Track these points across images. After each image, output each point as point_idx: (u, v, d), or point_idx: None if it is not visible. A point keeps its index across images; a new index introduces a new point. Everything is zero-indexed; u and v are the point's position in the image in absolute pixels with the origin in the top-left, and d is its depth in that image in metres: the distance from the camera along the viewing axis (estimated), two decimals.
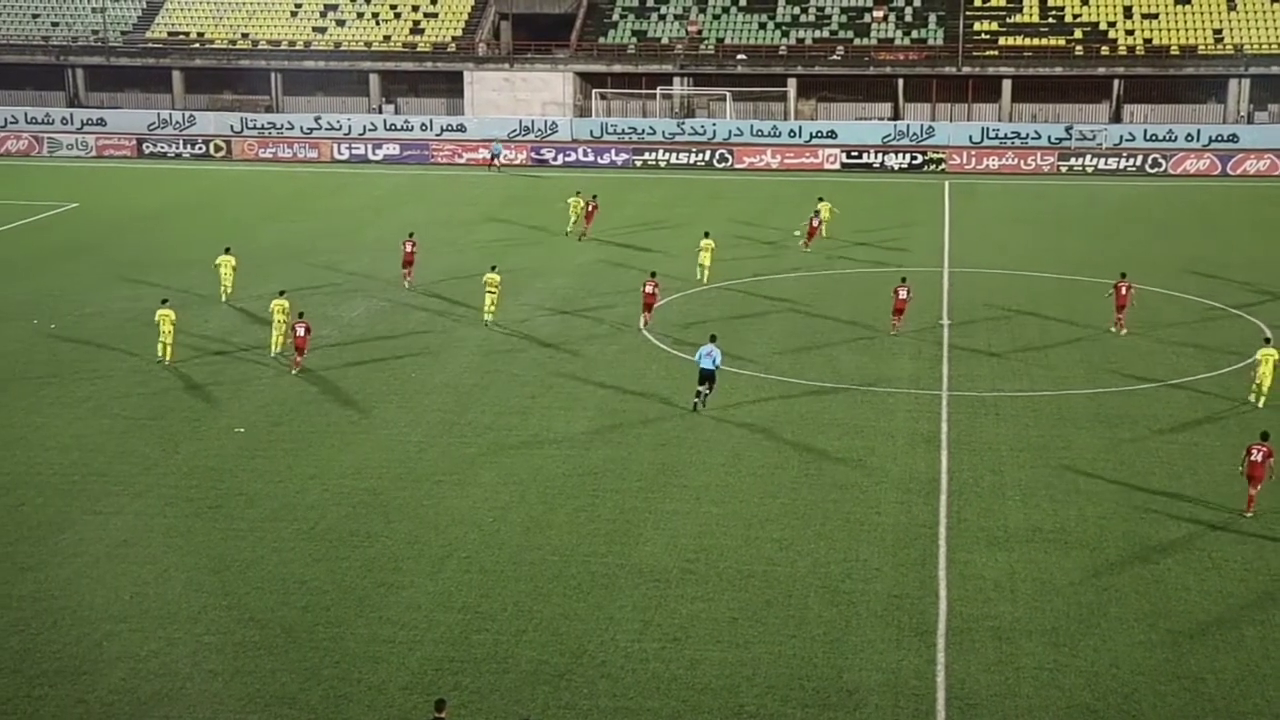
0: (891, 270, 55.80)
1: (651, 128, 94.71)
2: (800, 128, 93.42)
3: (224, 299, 52.29)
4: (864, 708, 23.90)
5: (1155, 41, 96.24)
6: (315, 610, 27.48)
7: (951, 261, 59.01)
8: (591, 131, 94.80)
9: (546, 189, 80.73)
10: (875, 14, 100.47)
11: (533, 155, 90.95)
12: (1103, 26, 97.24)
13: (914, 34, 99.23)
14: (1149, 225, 68.20)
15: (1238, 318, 49.49)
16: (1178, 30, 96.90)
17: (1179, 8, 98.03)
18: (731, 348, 45.36)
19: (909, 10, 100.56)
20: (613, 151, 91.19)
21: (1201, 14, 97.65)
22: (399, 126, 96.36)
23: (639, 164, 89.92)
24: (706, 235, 56.77)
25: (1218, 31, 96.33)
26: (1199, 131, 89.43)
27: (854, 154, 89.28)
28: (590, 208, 66.40)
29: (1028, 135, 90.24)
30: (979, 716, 23.67)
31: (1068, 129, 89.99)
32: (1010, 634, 26.39)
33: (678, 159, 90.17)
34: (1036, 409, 39.60)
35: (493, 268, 50.61)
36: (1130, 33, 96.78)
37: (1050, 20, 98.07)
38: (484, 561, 29.70)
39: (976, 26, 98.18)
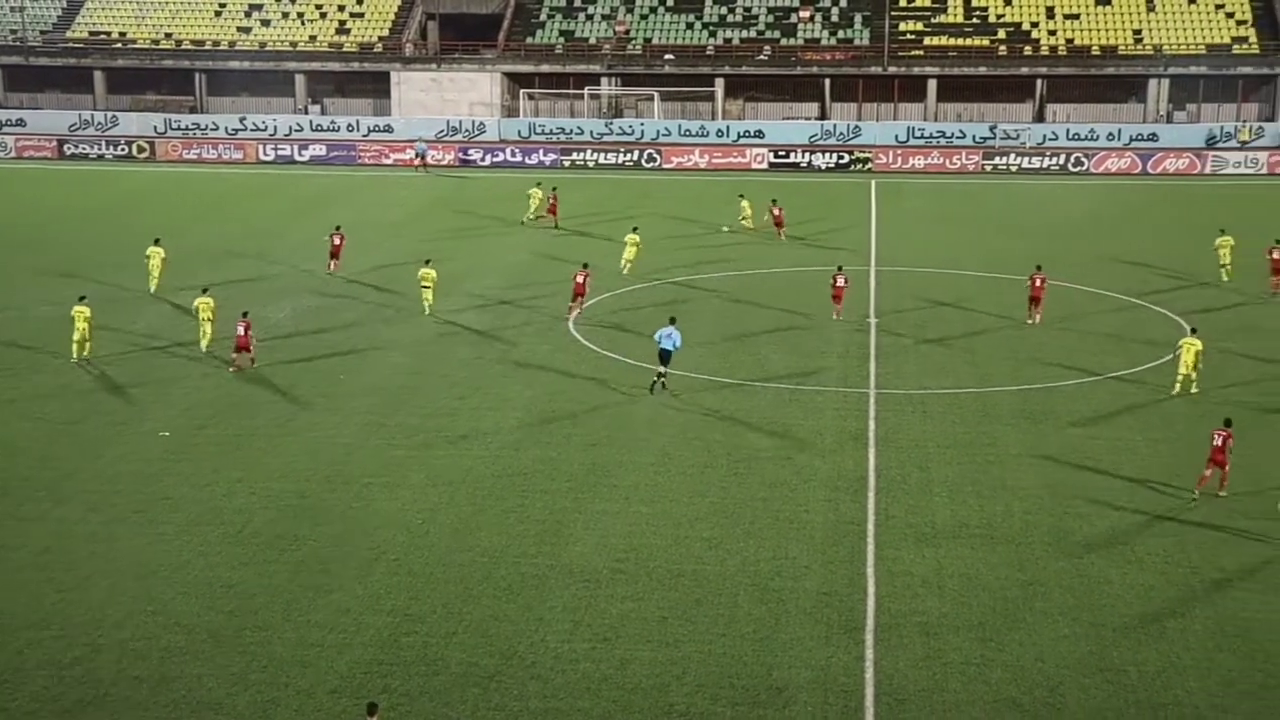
0: (818, 269, 56.14)
1: (579, 128, 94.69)
2: (728, 127, 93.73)
3: (152, 290, 52.92)
4: (794, 705, 24.00)
5: (1077, 42, 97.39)
6: (242, 614, 27.25)
7: (879, 260, 59.40)
8: (519, 132, 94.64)
9: (474, 189, 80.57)
10: (801, 14, 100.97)
11: (460, 155, 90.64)
12: (1025, 27, 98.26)
13: (840, 34, 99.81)
14: (1072, 223, 68.95)
15: (1157, 313, 50.14)
16: (1098, 31, 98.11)
17: (1099, 8, 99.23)
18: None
19: (835, 10, 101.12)
20: (541, 151, 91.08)
21: (1121, 15, 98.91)
22: (325, 127, 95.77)
23: (567, 164, 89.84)
24: (635, 230, 57.62)
25: (1137, 32, 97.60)
26: (1120, 131, 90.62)
27: (781, 153, 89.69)
28: (552, 200, 67.77)
29: (953, 135, 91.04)
30: (907, 712, 23.85)
31: (992, 128, 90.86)
32: (938, 629, 26.59)
33: (606, 159, 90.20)
34: (962, 406, 39.94)
35: (427, 262, 51.42)
36: (1053, 33, 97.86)
37: (974, 20, 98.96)
38: (413, 563, 29.57)
39: (902, 27, 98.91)
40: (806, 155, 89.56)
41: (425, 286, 50.11)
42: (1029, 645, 25.98)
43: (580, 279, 49.60)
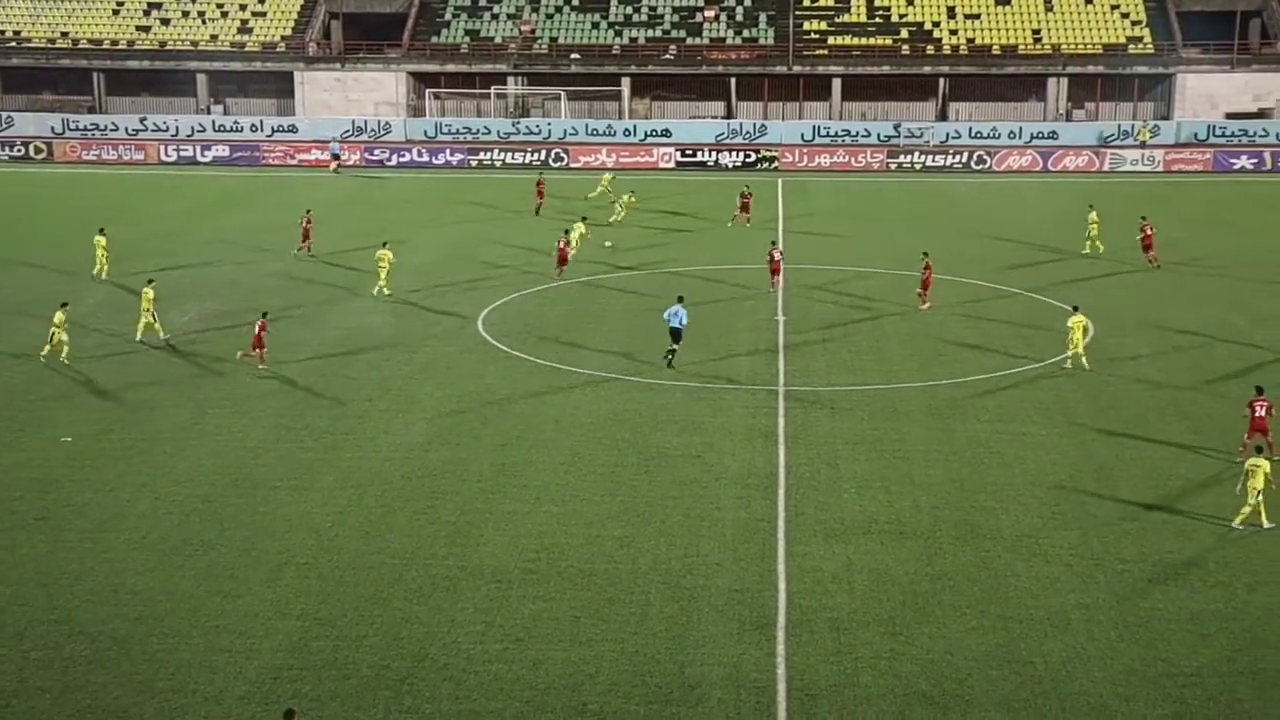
0: (728, 268, 56.52)
1: (486, 127, 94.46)
2: (635, 126, 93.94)
3: (103, 277, 55.47)
4: (706, 702, 24.06)
5: (978, 41, 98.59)
6: (148, 621, 26.85)
7: (785, 258, 59.58)
8: (426, 132, 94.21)
9: (382, 189, 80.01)
10: (706, 14, 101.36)
11: (366, 156, 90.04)
12: (928, 26, 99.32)
13: (745, 33, 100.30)
14: (976, 220, 69.77)
15: (1059, 309, 50.79)
16: (999, 30, 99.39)
17: (999, 8, 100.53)
18: (569, 348, 45.51)
19: (740, 10, 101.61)
20: (448, 152, 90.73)
21: (1021, 14, 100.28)
22: (228, 128, 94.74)
23: (474, 164, 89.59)
24: (584, 219, 61.01)
25: (1036, 32, 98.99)
26: (1021, 129, 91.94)
27: (688, 152, 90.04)
28: (539, 187, 71.33)
29: (858, 133, 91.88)
30: (819, 707, 23.99)
31: (896, 127, 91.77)
32: (848, 624, 26.78)
33: (513, 159, 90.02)
34: (870, 402, 40.27)
35: (384, 244, 53.70)
36: (954, 32, 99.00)
37: (877, 20, 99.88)
38: (322, 567, 29.31)
39: (806, 26, 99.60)
40: (713, 154, 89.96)
41: (382, 267, 52.59)
42: (938, 638, 26.24)
43: (562, 244, 55.39)
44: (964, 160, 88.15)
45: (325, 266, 58.56)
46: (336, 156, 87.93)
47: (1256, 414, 34.71)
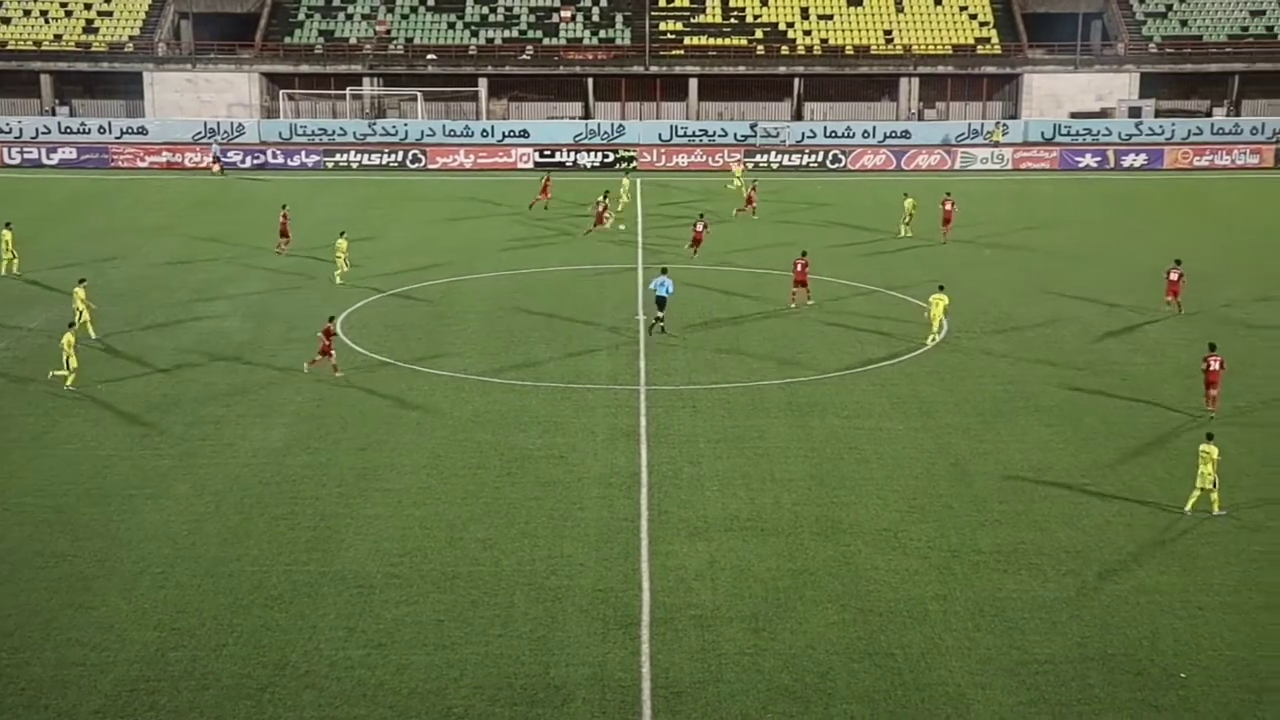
0: (586, 268, 56.59)
1: (342, 129, 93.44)
2: (492, 127, 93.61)
3: (2, 272, 56.14)
4: (571, 702, 24.10)
5: (831, 42, 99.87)
6: None
7: (645, 258, 59.91)
8: (280, 133, 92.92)
9: (236, 191, 78.77)
10: (563, 14, 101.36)
11: (221, 158, 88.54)
12: (782, 27, 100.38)
13: (602, 34, 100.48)
14: (832, 216, 70.65)
15: (915, 305, 51.62)
16: (851, 31, 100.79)
17: (851, 9, 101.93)
18: (429, 349, 45.28)
19: (596, 10, 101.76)
20: (303, 153, 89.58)
21: (872, 16, 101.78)
22: (75, 129, 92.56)
23: (330, 165, 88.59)
24: (605, 194, 65.22)
25: (888, 33, 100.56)
26: (875, 128, 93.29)
27: (546, 153, 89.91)
28: (545, 182, 72.78)
29: (715, 133, 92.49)
30: (683, 704, 24.14)
31: (752, 126, 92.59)
32: (711, 621, 26.98)
33: (370, 160, 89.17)
34: (731, 400, 40.59)
35: (342, 234, 55.25)
36: (808, 33, 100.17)
37: (732, 21, 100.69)
38: (179, 576, 28.81)
39: (662, 27, 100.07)
40: (572, 155, 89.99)
41: (338, 256, 53.88)
42: (800, 633, 26.55)
43: (601, 210, 62.70)
44: (819, 159, 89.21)
45: (178, 271, 57.54)
46: (218, 159, 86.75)
47: (1211, 368, 37.67)
